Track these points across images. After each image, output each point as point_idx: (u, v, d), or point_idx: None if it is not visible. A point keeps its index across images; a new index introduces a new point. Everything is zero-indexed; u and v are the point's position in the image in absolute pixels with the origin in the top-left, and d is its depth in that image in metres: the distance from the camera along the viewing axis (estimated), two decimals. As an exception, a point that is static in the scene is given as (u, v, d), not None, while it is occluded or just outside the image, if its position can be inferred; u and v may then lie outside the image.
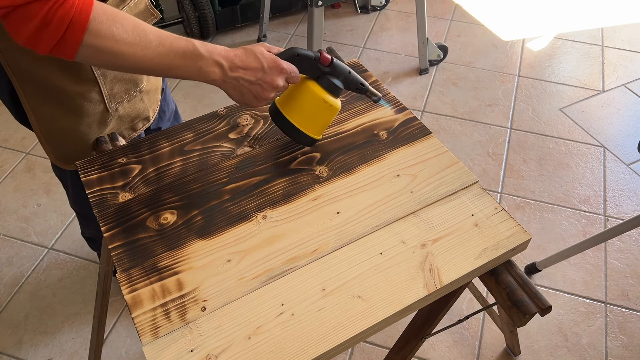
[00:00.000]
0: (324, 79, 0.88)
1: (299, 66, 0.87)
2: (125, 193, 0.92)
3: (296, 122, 0.90)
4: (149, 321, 0.76)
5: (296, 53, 0.86)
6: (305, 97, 0.89)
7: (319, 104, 0.89)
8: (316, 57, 0.87)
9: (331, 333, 0.75)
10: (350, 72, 0.90)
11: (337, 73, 0.89)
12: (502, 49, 2.55)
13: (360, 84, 0.92)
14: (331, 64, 0.87)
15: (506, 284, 0.86)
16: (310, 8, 1.90)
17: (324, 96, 0.88)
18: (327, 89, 0.89)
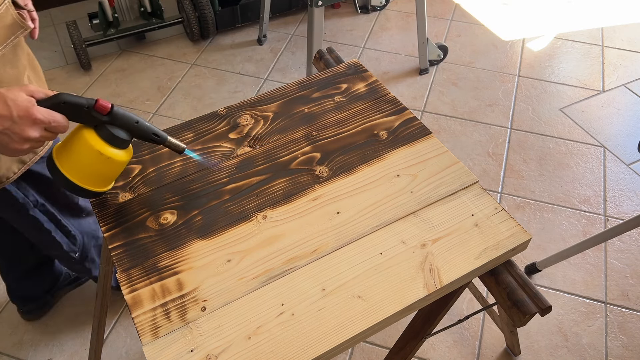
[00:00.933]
0: (103, 128, 0.78)
1: (71, 114, 0.77)
2: (125, 193, 0.92)
3: (72, 175, 0.80)
4: (149, 321, 0.76)
5: (62, 101, 0.75)
6: (79, 148, 0.79)
7: (95, 157, 0.79)
8: (89, 106, 0.76)
9: (331, 333, 0.75)
10: (138, 122, 0.80)
11: (119, 123, 0.79)
12: (502, 49, 2.55)
13: (154, 135, 0.82)
14: (110, 112, 0.77)
15: (506, 284, 0.86)
16: (310, 8, 1.90)
17: (100, 148, 0.78)
18: (106, 140, 0.78)
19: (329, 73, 1.16)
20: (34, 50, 2.62)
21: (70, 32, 2.31)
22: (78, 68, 2.45)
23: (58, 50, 2.56)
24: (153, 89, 2.35)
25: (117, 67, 2.46)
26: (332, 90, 1.12)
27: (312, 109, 1.08)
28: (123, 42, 2.58)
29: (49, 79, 2.40)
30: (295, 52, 2.55)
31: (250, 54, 2.53)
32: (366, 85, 1.13)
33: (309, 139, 1.02)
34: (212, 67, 2.46)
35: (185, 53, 2.54)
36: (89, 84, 2.38)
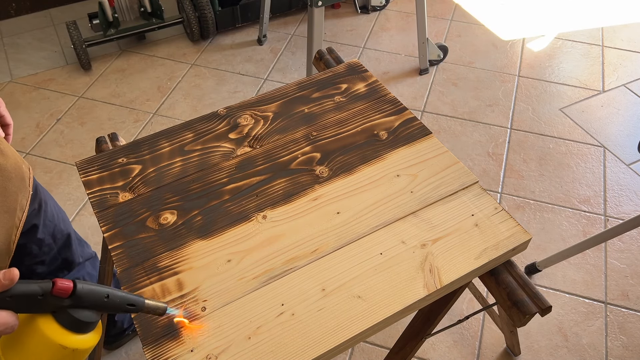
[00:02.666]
0: (64, 314, 0.60)
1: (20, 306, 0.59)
2: (125, 193, 0.92)
3: None
4: (149, 321, 0.75)
5: (7, 295, 0.57)
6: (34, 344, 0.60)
7: (54, 350, 0.60)
8: (45, 292, 0.58)
9: (331, 333, 0.75)
10: (108, 295, 0.62)
11: (85, 303, 0.61)
12: (502, 49, 2.55)
13: (128, 305, 0.65)
14: (73, 294, 0.60)
15: (506, 284, 0.86)
16: (310, 8, 1.90)
17: (62, 340, 0.60)
18: (68, 328, 0.60)
19: (329, 73, 1.16)
20: (35, 50, 2.62)
21: (70, 32, 2.31)
22: (78, 68, 2.45)
23: (58, 50, 2.56)
24: (153, 89, 2.35)
25: (117, 67, 2.46)
26: (332, 90, 1.12)
27: (312, 109, 1.08)
28: (123, 42, 2.58)
29: (49, 79, 2.40)
30: (295, 52, 2.55)
31: (250, 54, 2.53)
32: (366, 86, 1.13)
33: (309, 139, 1.02)
34: (212, 67, 2.46)
35: (185, 53, 2.54)
36: (89, 84, 2.38)
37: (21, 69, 2.46)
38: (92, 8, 2.56)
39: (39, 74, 2.43)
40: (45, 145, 2.11)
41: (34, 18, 2.75)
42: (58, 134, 2.16)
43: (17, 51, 2.55)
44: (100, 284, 0.63)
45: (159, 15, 2.48)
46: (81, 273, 1.23)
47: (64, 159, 2.06)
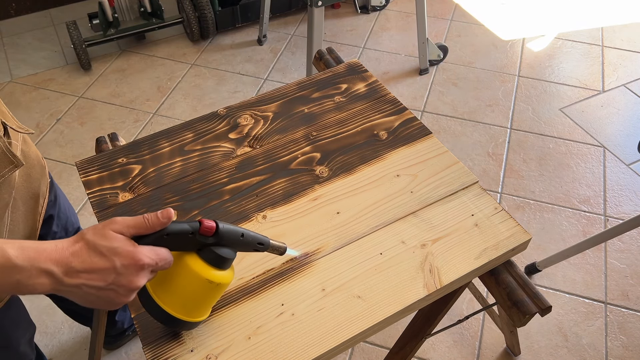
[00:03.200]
0: (208, 251, 0.67)
1: (173, 244, 0.65)
2: (125, 193, 0.92)
3: (173, 308, 0.68)
4: (149, 321, 0.75)
5: (164, 233, 0.64)
6: (184, 280, 0.67)
7: (202, 285, 0.67)
8: (194, 230, 0.65)
9: (331, 333, 0.75)
10: (243, 234, 0.69)
11: (225, 241, 0.68)
12: (502, 49, 2.55)
13: (258, 244, 0.71)
14: (216, 233, 0.67)
15: (506, 284, 0.86)
16: (310, 8, 1.90)
17: (208, 275, 0.67)
18: (212, 264, 0.67)
19: (329, 73, 1.16)
20: (35, 50, 2.61)
21: (70, 32, 2.31)
22: (78, 68, 2.45)
23: (58, 50, 2.56)
24: (153, 89, 2.35)
25: (117, 67, 2.46)
26: (332, 91, 1.12)
27: (312, 109, 1.08)
28: (123, 42, 2.58)
29: (49, 79, 2.40)
30: (295, 52, 2.55)
31: (250, 54, 2.53)
32: (366, 86, 1.13)
33: (309, 139, 1.02)
34: (212, 67, 2.46)
35: (185, 53, 2.54)
36: (89, 84, 2.38)
37: (21, 69, 2.46)
38: (92, 8, 2.56)
39: (39, 74, 2.43)
40: (45, 145, 2.11)
41: (34, 18, 2.75)
42: (58, 134, 2.16)
43: (17, 51, 2.55)
44: (235, 224, 0.71)
45: (159, 15, 2.48)
46: None
47: (64, 159, 2.06)
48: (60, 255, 0.59)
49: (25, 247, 0.58)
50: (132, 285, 0.62)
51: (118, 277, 0.60)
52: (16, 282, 0.58)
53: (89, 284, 0.60)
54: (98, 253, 0.60)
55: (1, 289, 0.58)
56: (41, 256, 0.58)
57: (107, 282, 0.60)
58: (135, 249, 0.61)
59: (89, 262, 0.59)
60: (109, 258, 0.60)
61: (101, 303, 0.63)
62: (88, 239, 0.60)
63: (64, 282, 0.59)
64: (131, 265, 0.61)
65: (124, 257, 0.60)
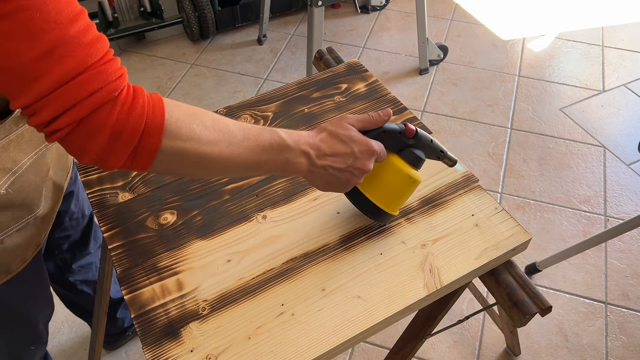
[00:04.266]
0: (407, 152, 0.79)
1: (384, 140, 0.78)
2: (125, 193, 0.92)
3: (378, 201, 0.80)
4: (149, 321, 0.75)
5: (382, 130, 0.77)
6: (389, 175, 0.79)
7: (404, 180, 0.79)
8: (402, 131, 0.78)
9: (331, 333, 0.75)
10: (432, 140, 0.81)
11: (420, 144, 0.80)
12: (502, 49, 2.55)
13: (440, 152, 0.82)
14: (415, 135, 0.79)
15: (506, 284, 0.86)
16: (310, 8, 1.90)
17: (409, 172, 0.79)
18: (410, 163, 0.79)
19: (329, 73, 1.16)
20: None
21: (70, 32, 2.31)
22: (78, 68, 2.44)
23: (58, 50, 2.56)
24: (153, 89, 2.35)
25: (117, 67, 2.46)
26: (332, 90, 1.12)
27: (312, 109, 1.08)
28: (123, 42, 2.58)
29: (49, 79, 2.40)
30: (295, 52, 2.55)
31: (250, 54, 2.53)
32: (366, 85, 1.13)
33: (309, 139, 1.01)
34: (212, 67, 2.46)
35: (185, 53, 2.54)
36: (88, 84, 2.37)
37: (21, 68, 2.46)
38: (92, 8, 2.56)
39: (39, 74, 2.42)
40: (45, 145, 2.11)
41: (33, 18, 2.75)
42: (58, 134, 2.15)
43: (17, 51, 2.55)
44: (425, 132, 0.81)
45: (159, 15, 2.48)
46: (94, 259, 1.25)
47: (63, 159, 2.06)
48: (313, 140, 0.71)
49: (290, 132, 0.69)
50: (365, 167, 0.74)
51: (355, 160, 0.73)
52: (285, 160, 0.68)
53: (333, 166, 0.72)
54: (340, 140, 0.72)
55: (275, 166, 0.69)
56: (301, 139, 0.70)
57: (347, 164, 0.72)
58: (368, 139, 0.74)
59: (334, 147, 0.72)
60: (348, 144, 0.72)
61: (339, 185, 0.75)
62: (330, 129, 0.73)
63: (316, 164, 0.71)
64: (365, 151, 0.73)
65: (360, 144, 0.73)
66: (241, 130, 0.65)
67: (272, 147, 0.67)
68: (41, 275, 1.02)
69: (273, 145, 0.67)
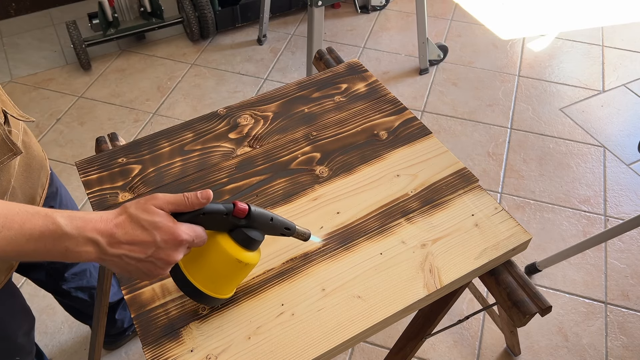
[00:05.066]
0: (239, 232, 0.70)
1: (208, 224, 0.69)
2: (125, 193, 0.92)
3: (202, 284, 0.71)
4: (149, 321, 0.75)
5: (201, 212, 0.67)
6: (215, 258, 0.70)
7: (231, 264, 0.71)
8: (229, 211, 0.69)
9: (331, 333, 0.75)
10: (272, 218, 0.72)
11: (256, 224, 0.71)
12: (502, 49, 2.55)
13: (285, 229, 0.74)
14: (248, 215, 0.69)
15: (506, 284, 0.86)
16: (310, 8, 1.90)
17: (238, 255, 0.70)
18: (242, 245, 0.70)
19: (329, 73, 1.16)
20: (34, 50, 2.61)
21: (70, 32, 2.31)
22: (78, 68, 2.45)
23: (58, 50, 2.56)
24: (153, 89, 2.35)
25: (117, 67, 2.46)
26: (332, 90, 1.12)
27: (312, 109, 1.08)
28: (123, 42, 2.58)
29: (49, 78, 2.40)
30: (295, 52, 2.55)
31: (250, 54, 2.53)
32: (366, 85, 1.13)
33: (308, 139, 1.02)
34: (212, 67, 2.46)
35: (185, 53, 2.54)
36: (88, 84, 2.37)
37: (21, 68, 2.46)
38: (92, 8, 2.56)
39: (39, 74, 2.43)
40: (45, 145, 2.11)
41: (34, 18, 2.75)
42: (58, 134, 2.16)
43: (17, 51, 2.55)
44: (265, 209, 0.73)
45: (159, 15, 2.48)
46: (88, 265, 1.24)
47: (63, 159, 2.06)
48: (105, 225, 0.62)
49: (73, 217, 0.61)
50: (170, 259, 0.65)
51: (158, 250, 0.64)
52: (64, 249, 0.60)
53: (130, 255, 0.63)
54: (140, 226, 0.63)
55: (51, 255, 0.61)
56: (88, 225, 0.61)
57: (146, 255, 0.64)
58: (175, 225, 0.64)
59: (132, 234, 0.63)
60: (150, 232, 0.63)
61: (139, 274, 0.66)
62: (131, 212, 0.63)
63: (108, 252, 0.62)
64: (170, 240, 0.64)
65: (164, 232, 0.63)
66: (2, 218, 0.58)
67: (44, 235, 0.59)
68: (14, 293, 1.00)
69: (45, 233, 0.59)
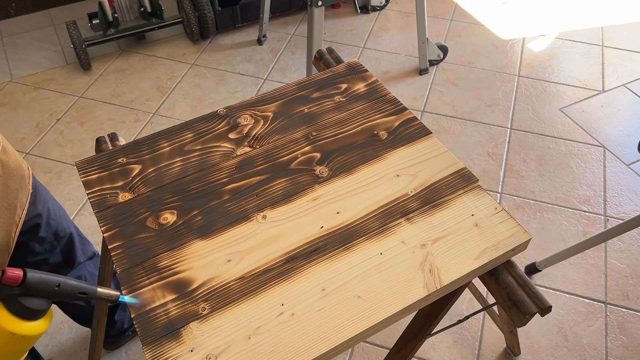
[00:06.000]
0: (14, 302, 0.61)
1: None
2: (125, 193, 0.92)
3: None
4: (149, 321, 0.75)
5: None
6: None
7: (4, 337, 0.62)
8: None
9: (331, 333, 0.75)
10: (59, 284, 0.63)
11: (36, 292, 0.62)
12: (502, 49, 2.55)
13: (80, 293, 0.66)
14: (23, 282, 0.61)
15: (506, 284, 0.86)
16: (310, 8, 1.90)
17: (12, 327, 0.61)
18: (18, 315, 0.62)
19: (329, 73, 1.16)
20: (35, 50, 2.61)
21: (70, 32, 2.31)
22: (78, 68, 2.45)
23: (58, 50, 2.56)
24: (153, 89, 2.35)
25: (117, 67, 2.46)
26: (332, 90, 1.12)
27: (312, 109, 1.08)
28: (123, 42, 2.58)
29: (49, 78, 2.40)
30: (295, 52, 2.55)
31: (250, 54, 2.53)
32: (366, 85, 1.13)
33: (308, 139, 1.02)
34: (212, 67, 2.46)
35: (185, 53, 2.54)
36: (88, 84, 2.37)
37: (21, 69, 2.46)
38: (92, 8, 2.56)
39: (39, 74, 2.43)
40: (45, 145, 2.11)
41: (34, 18, 2.75)
42: (58, 134, 2.16)
43: (17, 51, 2.55)
44: (52, 273, 0.64)
45: (159, 15, 2.48)
46: (82, 272, 1.23)
47: (63, 159, 2.06)
48: None
49: None
50: None
51: None
52: None
53: None
54: None
55: None
56: None
57: None
58: None
59: None
60: None
61: None
62: None
63: None
64: None
65: None
66: None
67: None
68: None
69: None
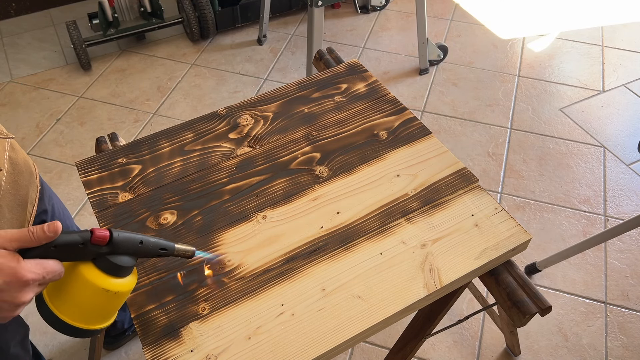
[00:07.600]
0: (103, 260, 0.65)
1: (64, 255, 0.63)
2: (125, 193, 0.92)
3: (71, 317, 0.66)
4: (149, 321, 0.75)
5: (51, 246, 0.61)
6: (79, 289, 0.65)
7: (98, 294, 0.65)
8: (85, 241, 0.63)
9: (331, 333, 0.75)
10: (142, 242, 0.67)
11: (122, 249, 0.66)
12: (502, 49, 2.55)
13: (161, 249, 0.70)
14: (110, 241, 0.65)
15: (506, 284, 0.86)
16: (310, 8, 1.90)
17: (105, 284, 0.65)
18: (108, 272, 0.65)
19: (329, 73, 1.16)
20: (35, 50, 2.61)
21: (70, 32, 2.31)
22: (78, 68, 2.45)
23: (58, 50, 2.56)
24: (153, 89, 2.35)
25: (117, 67, 2.46)
26: (332, 90, 1.12)
27: (312, 109, 1.08)
28: (123, 42, 2.58)
29: (49, 79, 2.40)
30: (295, 52, 2.55)
31: (250, 54, 2.53)
32: (366, 85, 1.13)
33: (309, 139, 1.02)
34: (212, 67, 2.46)
35: (185, 53, 2.54)
36: (89, 84, 2.37)
37: (21, 69, 2.46)
38: (92, 8, 2.56)
39: (39, 74, 2.43)
40: (45, 145, 2.11)
41: (34, 18, 2.75)
42: (58, 134, 2.16)
43: (17, 51, 2.55)
44: (134, 232, 0.68)
45: (159, 15, 2.48)
46: None
47: (63, 159, 2.06)
48: None
49: None
50: (16, 301, 0.60)
51: (1, 293, 0.59)
52: None
53: None
54: None
55: None
56: None
57: None
58: (18, 265, 0.59)
59: None
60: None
61: None
62: None
63: None
64: (13, 282, 0.59)
65: (5, 274, 0.58)
66: None
67: None
68: None
69: None
